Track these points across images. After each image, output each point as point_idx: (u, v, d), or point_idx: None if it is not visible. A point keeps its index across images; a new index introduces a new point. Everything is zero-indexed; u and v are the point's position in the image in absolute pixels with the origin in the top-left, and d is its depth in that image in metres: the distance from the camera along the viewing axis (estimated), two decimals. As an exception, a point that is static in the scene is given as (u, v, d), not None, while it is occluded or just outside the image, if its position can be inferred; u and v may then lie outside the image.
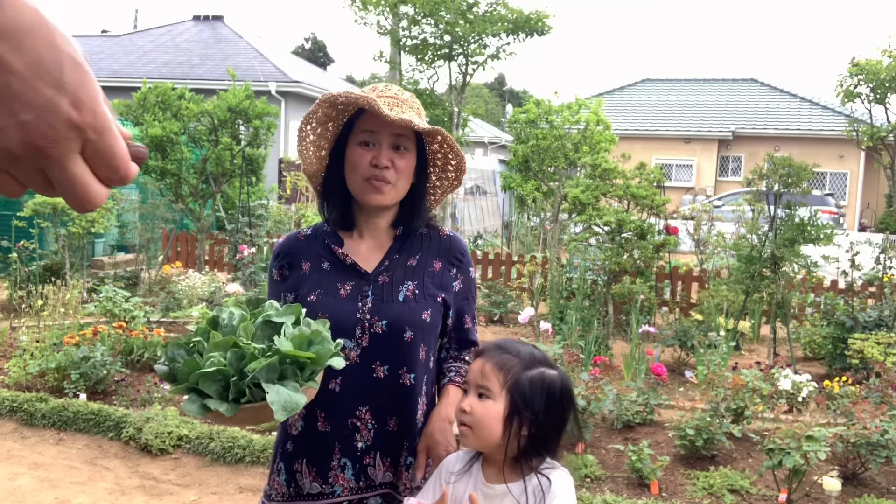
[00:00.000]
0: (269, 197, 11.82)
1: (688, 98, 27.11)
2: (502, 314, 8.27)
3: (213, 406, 1.29)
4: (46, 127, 0.52)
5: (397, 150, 1.72)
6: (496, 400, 1.49)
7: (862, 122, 9.68)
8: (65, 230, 8.07)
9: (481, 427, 1.48)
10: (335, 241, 1.80)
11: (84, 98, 0.54)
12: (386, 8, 10.06)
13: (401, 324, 1.71)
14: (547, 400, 1.49)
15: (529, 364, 1.51)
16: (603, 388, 4.67)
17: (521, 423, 1.48)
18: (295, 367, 1.35)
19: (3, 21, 0.50)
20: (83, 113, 0.54)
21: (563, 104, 11.41)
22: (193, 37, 20.97)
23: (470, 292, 1.88)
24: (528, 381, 1.49)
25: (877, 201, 23.60)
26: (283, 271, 1.82)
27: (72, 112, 0.53)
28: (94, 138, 0.55)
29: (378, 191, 1.71)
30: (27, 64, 0.51)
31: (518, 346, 1.55)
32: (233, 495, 4.01)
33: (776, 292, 6.48)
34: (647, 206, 7.24)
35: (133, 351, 5.78)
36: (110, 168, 0.57)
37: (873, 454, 3.98)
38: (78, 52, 0.54)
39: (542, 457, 1.50)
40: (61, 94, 0.52)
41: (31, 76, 0.51)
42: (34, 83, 0.51)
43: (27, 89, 0.51)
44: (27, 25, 0.51)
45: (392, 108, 1.69)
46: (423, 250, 1.82)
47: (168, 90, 8.98)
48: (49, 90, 0.52)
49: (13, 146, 0.52)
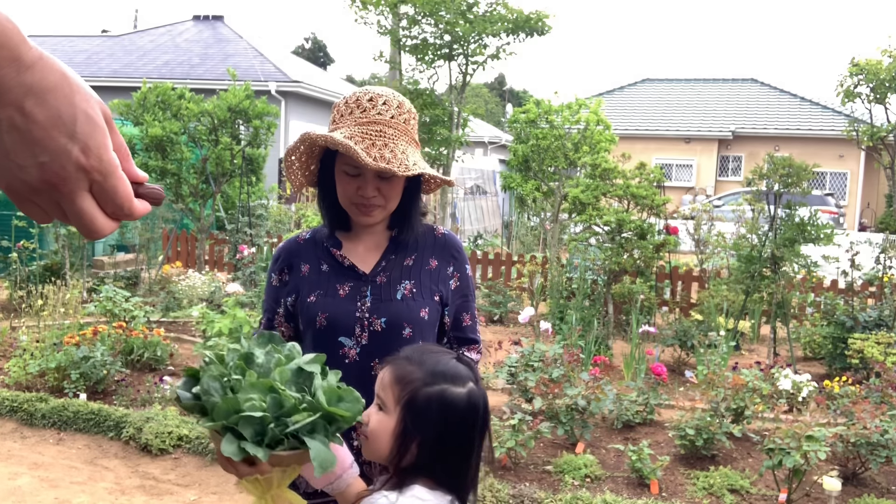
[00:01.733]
0: (269, 197, 11.82)
1: (688, 98, 27.11)
2: (502, 314, 8.27)
3: (250, 450, 1.25)
4: (59, 168, 0.65)
5: (383, 179, 1.70)
6: (389, 415, 1.38)
7: (862, 121, 9.68)
8: (65, 230, 8.07)
9: (373, 439, 1.39)
10: (333, 243, 1.82)
11: (92, 146, 0.66)
12: (386, 8, 10.06)
13: (399, 321, 1.72)
14: (443, 422, 1.34)
15: (432, 379, 1.36)
16: (603, 387, 4.68)
17: (409, 443, 1.35)
18: (326, 423, 1.32)
19: (32, 80, 0.63)
20: (90, 158, 0.66)
21: (563, 104, 11.41)
22: (193, 37, 20.97)
23: (468, 290, 1.88)
24: (425, 398, 1.35)
25: (877, 201, 23.60)
26: (282, 276, 1.83)
27: (81, 157, 0.65)
28: (99, 179, 0.67)
29: (366, 214, 1.73)
30: (47, 117, 0.64)
31: (427, 357, 1.41)
32: (233, 495, 4.01)
33: (776, 292, 6.48)
34: (647, 206, 7.24)
35: (133, 351, 5.78)
36: (115, 205, 0.69)
37: (873, 454, 3.98)
38: (95, 108, 0.67)
39: (429, 481, 1.35)
40: (73, 142, 0.65)
41: (49, 126, 0.64)
42: (51, 132, 0.64)
43: (45, 137, 0.64)
44: (51, 85, 0.64)
45: (375, 141, 1.65)
46: (420, 250, 1.83)
47: (168, 90, 8.98)
48: (63, 138, 0.65)
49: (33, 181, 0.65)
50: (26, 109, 0.63)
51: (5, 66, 0.62)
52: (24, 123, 0.63)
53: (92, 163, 0.66)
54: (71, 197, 0.66)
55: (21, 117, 0.63)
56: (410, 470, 1.36)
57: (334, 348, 1.71)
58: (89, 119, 0.66)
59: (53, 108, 0.64)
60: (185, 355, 6.27)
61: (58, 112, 0.64)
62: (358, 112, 1.69)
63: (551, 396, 4.60)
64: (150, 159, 8.79)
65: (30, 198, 0.67)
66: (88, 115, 0.66)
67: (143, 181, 0.72)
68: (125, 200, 0.69)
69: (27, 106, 0.63)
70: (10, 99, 0.63)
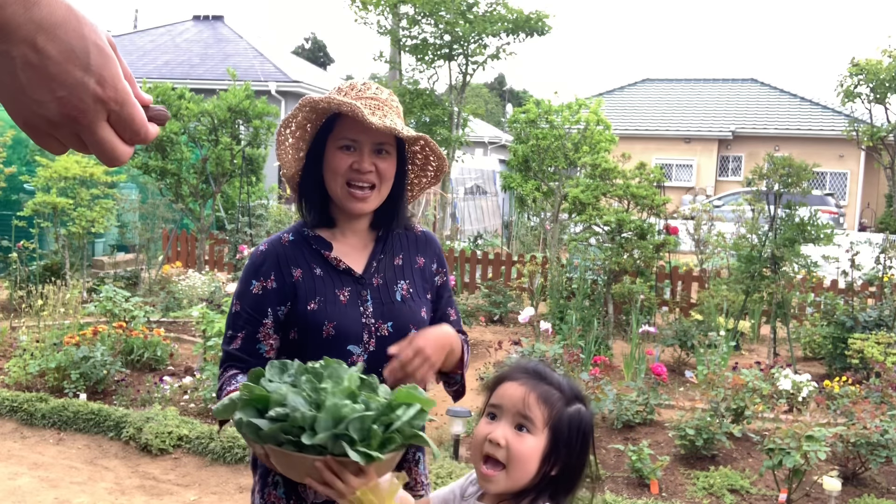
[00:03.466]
0: (268, 197, 11.82)
1: (688, 98, 27.10)
2: (502, 314, 8.26)
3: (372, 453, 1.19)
4: (77, 101, 0.66)
5: (379, 153, 1.68)
6: (537, 435, 1.31)
7: (862, 122, 9.69)
8: (65, 230, 8.07)
9: (518, 464, 1.30)
10: (323, 245, 1.73)
11: (107, 77, 0.67)
12: (386, 8, 10.06)
13: (405, 324, 1.70)
14: (581, 440, 1.35)
15: (570, 399, 1.36)
16: (603, 387, 4.68)
17: (554, 464, 1.32)
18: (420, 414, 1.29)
19: (40, 16, 0.63)
20: (106, 89, 0.67)
21: (563, 104, 11.41)
22: (193, 37, 20.97)
23: (449, 284, 1.89)
24: (568, 418, 1.34)
25: (877, 201, 23.59)
26: (266, 283, 1.69)
27: (97, 89, 0.66)
28: (116, 109, 0.68)
29: (361, 199, 1.68)
30: (60, 51, 0.64)
31: (556, 376, 1.39)
32: (233, 495, 4.01)
33: (776, 292, 6.48)
34: (647, 206, 7.24)
35: (133, 351, 5.78)
36: (132, 132, 0.70)
37: (873, 454, 3.99)
38: (103, 38, 0.67)
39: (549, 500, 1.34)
40: (88, 74, 0.65)
41: (63, 60, 0.64)
42: (66, 66, 0.64)
43: (61, 71, 0.64)
44: (60, 19, 0.64)
45: (374, 111, 1.65)
46: (405, 248, 1.81)
47: (168, 90, 8.98)
48: (78, 72, 0.65)
49: (52, 116, 0.66)
50: (39, 45, 0.63)
51: (12, 4, 0.62)
52: (39, 60, 0.63)
53: (108, 93, 0.67)
54: (91, 128, 0.67)
55: (35, 54, 0.63)
56: (543, 488, 1.33)
57: (342, 357, 1.60)
58: (101, 50, 0.67)
59: (65, 43, 0.64)
60: (185, 355, 6.27)
61: (70, 46, 0.64)
62: (353, 93, 1.70)
63: (551, 396, 4.60)
64: (150, 159, 8.79)
65: (49, 132, 0.68)
66: (99, 47, 0.66)
67: (149, 104, 0.74)
68: (141, 126, 0.71)
69: (39, 42, 0.63)
70: (22, 36, 0.63)
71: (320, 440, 1.18)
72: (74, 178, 7.87)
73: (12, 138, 8.34)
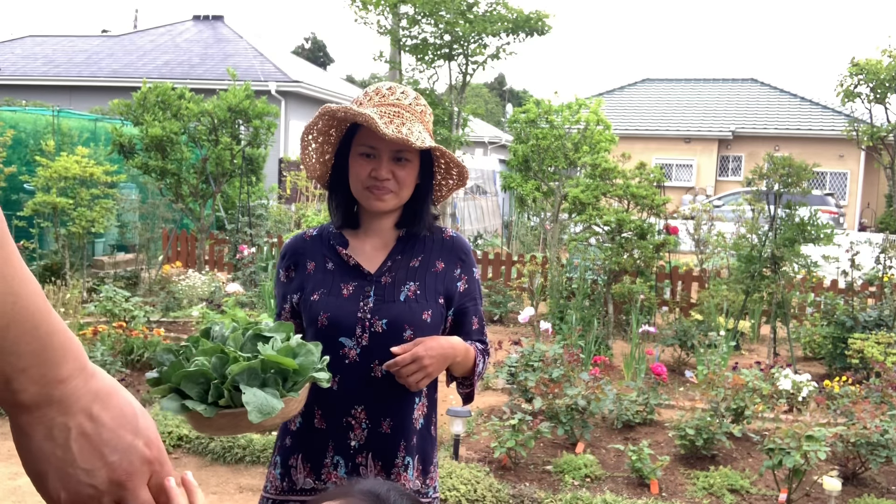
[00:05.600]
0: (269, 197, 11.82)
1: (688, 98, 27.11)
2: (502, 314, 8.27)
3: (191, 406, 1.29)
4: (127, 464, 0.68)
5: (398, 161, 1.72)
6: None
7: (862, 121, 9.68)
8: (65, 230, 8.06)
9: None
10: (340, 241, 1.81)
11: (153, 438, 0.71)
12: (386, 8, 10.05)
13: (401, 323, 1.72)
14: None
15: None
16: (603, 387, 4.68)
17: None
18: (278, 377, 1.35)
19: (98, 386, 0.68)
20: (153, 450, 0.70)
21: (563, 104, 11.41)
22: (193, 37, 20.98)
23: (475, 293, 1.87)
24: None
25: (877, 201, 23.60)
26: (289, 272, 1.84)
27: (145, 450, 0.70)
28: (158, 469, 0.71)
29: (379, 198, 1.73)
30: (113, 417, 0.68)
31: None
32: (233, 495, 4.01)
33: (776, 292, 6.48)
34: (647, 206, 7.24)
35: (133, 351, 5.78)
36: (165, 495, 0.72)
37: (873, 454, 3.99)
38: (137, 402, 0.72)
39: None
40: (138, 437, 0.69)
41: (116, 426, 0.68)
42: (119, 431, 0.68)
43: (114, 437, 0.68)
44: (112, 387, 0.69)
45: (392, 119, 1.67)
46: (427, 251, 1.82)
47: (168, 90, 8.98)
48: (129, 435, 0.69)
49: (100, 483, 0.67)
50: (94, 414, 0.67)
51: (77, 377, 0.66)
52: (93, 428, 0.67)
53: (154, 453, 0.70)
54: (136, 492, 0.69)
55: (90, 422, 0.66)
56: None
57: (335, 348, 1.70)
58: (144, 412, 0.71)
59: (117, 409, 0.68)
60: (185, 355, 6.27)
61: (121, 411, 0.69)
62: (377, 98, 1.73)
63: (551, 396, 4.60)
64: (151, 159, 8.78)
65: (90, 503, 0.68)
66: (142, 409, 0.71)
67: None
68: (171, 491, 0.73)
69: (95, 410, 0.67)
70: (81, 406, 0.66)
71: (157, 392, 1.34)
72: (74, 178, 7.87)
73: (12, 138, 8.33)
